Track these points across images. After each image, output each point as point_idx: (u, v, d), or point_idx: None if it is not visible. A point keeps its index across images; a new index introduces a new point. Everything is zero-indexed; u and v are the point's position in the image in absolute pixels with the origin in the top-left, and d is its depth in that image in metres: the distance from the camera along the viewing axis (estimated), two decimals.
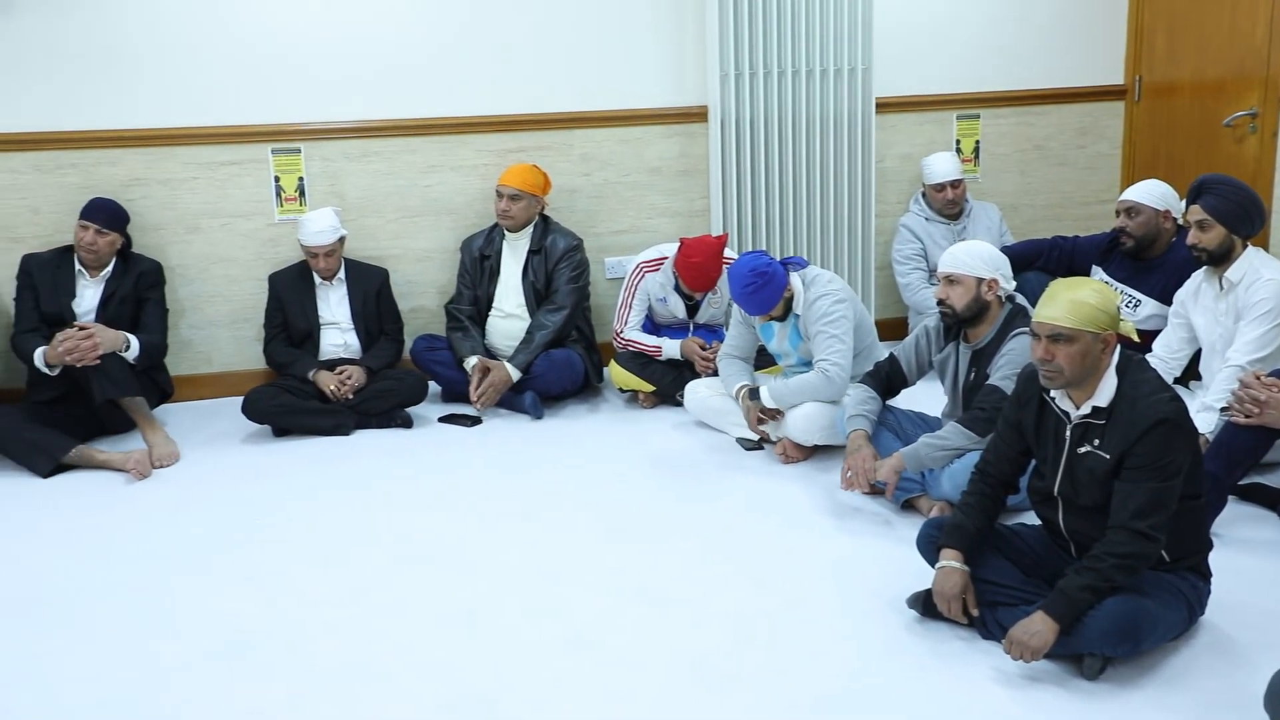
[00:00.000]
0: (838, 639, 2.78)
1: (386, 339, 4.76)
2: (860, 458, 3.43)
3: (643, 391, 4.68)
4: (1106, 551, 2.52)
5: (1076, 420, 2.67)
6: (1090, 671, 2.57)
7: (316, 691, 2.59)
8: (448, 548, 3.37)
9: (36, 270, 4.43)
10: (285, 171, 4.90)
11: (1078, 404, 2.67)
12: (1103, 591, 2.52)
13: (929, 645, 2.73)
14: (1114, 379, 2.63)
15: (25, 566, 3.31)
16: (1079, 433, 2.67)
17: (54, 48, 4.58)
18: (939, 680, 2.59)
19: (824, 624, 2.85)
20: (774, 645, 2.76)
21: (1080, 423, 2.67)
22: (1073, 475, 2.68)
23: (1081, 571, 2.54)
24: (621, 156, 5.21)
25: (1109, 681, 2.55)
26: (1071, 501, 2.71)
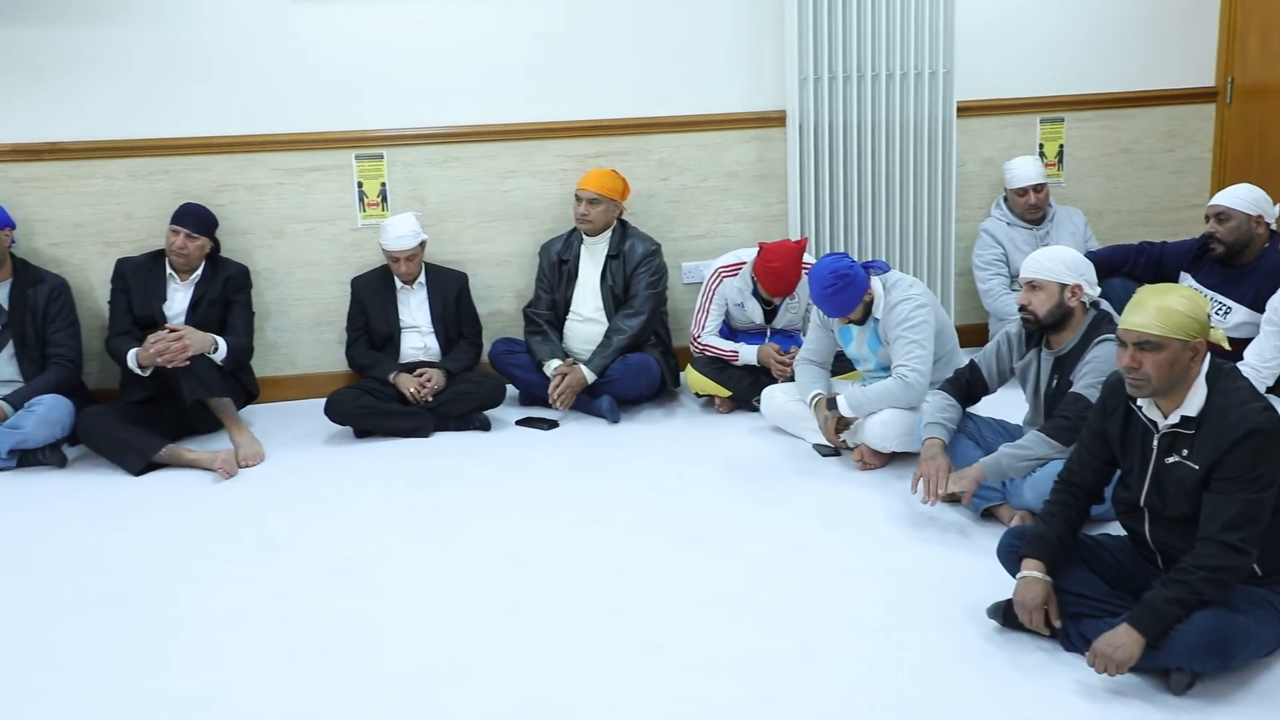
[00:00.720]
0: (915, 648, 2.75)
1: (465, 342, 4.82)
2: (933, 467, 3.39)
3: (719, 396, 4.67)
4: (1195, 564, 2.47)
5: (1164, 430, 2.61)
6: (1178, 687, 2.51)
7: (396, 690, 2.63)
8: (523, 549, 3.40)
9: (130, 274, 4.56)
10: (368, 177, 4.98)
11: (1166, 413, 2.61)
12: (1191, 605, 2.46)
13: (1009, 656, 2.69)
14: (1204, 388, 2.57)
15: (118, 561, 3.40)
16: (1167, 442, 2.61)
17: (149, 58, 4.71)
18: (1020, 692, 2.55)
19: (900, 633, 2.83)
20: (849, 653, 2.74)
21: (1168, 432, 2.61)
22: (1160, 486, 2.63)
23: (1169, 584, 2.49)
24: (699, 161, 5.21)
25: (1197, 697, 2.49)
26: (1159, 513, 2.65)
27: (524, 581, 3.18)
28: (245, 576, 3.26)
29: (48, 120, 4.68)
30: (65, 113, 4.68)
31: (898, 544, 3.37)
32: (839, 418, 3.99)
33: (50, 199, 4.74)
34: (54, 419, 4.20)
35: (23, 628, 2.98)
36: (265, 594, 3.15)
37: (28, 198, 4.70)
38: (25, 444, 4.18)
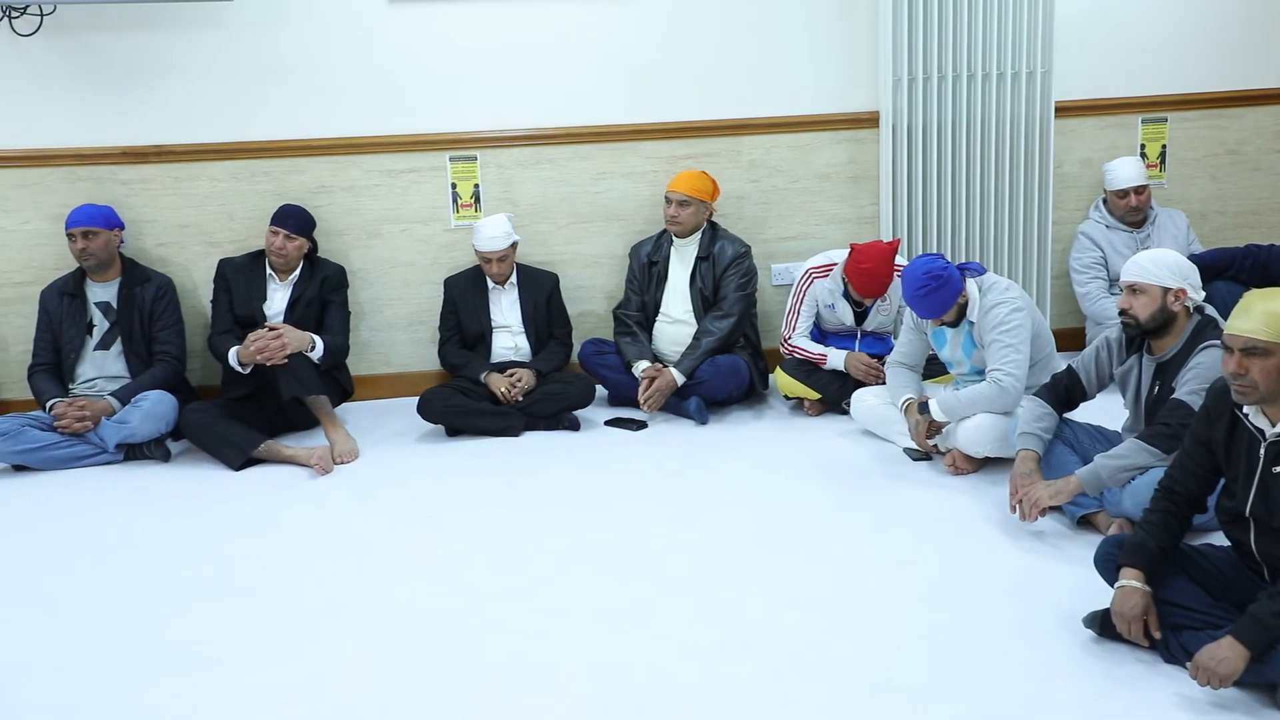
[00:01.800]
0: (1007, 657, 2.70)
1: (556, 343, 4.85)
2: (1028, 486, 3.32)
3: (808, 399, 4.64)
4: None
5: (1271, 438, 2.53)
6: None
7: (485, 686, 2.66)
8: (611, 550, 3.41)
9: (231, 274, 4.68)
10: (462, 178, 5.05)
11: (1273, 421, 2.53)
12: None
13: (1106, 667, 2.63)
14: None
15: (220, 554, 3.49)
16: (1274, 451, 2.53)
17: (251, 62, 4.84)
18: (1118, 704, 2.49)
19: (993, 641, 2.78)
20: (940, 660, 2.70)
21: (1276, 441, 2.52)
22: (1266, 496, 2.54)
23: (1275, 596, 2.41)
24: (790, 163, 5.19)
25: None
26: (1265, 523, 2.57)
27: (611, 582, 3.19)
28: (338, 571, 3.33)
29: (155, 124, 4.83)
30: (172, 117, 4.83)
31: (990, 550, 3.31)
32: (930, 422, 3.94)
33: (157, 200, 4.89)
34: (159, 414, 4.33)
35: (128, 617, 3.07)
36: (357, 589, 3.21)
37: (136, 199, 4.86)
38: (132, 438, 4.32)
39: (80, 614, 3.09)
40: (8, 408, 4.76)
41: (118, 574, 3.36)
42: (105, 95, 4.77)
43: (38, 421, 4.33)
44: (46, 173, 4.79)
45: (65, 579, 3.33)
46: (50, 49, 4.69)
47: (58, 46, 4.69)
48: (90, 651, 2.88)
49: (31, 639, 2.95)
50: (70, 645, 2.92)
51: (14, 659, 2.85)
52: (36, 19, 4.57)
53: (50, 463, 4.28)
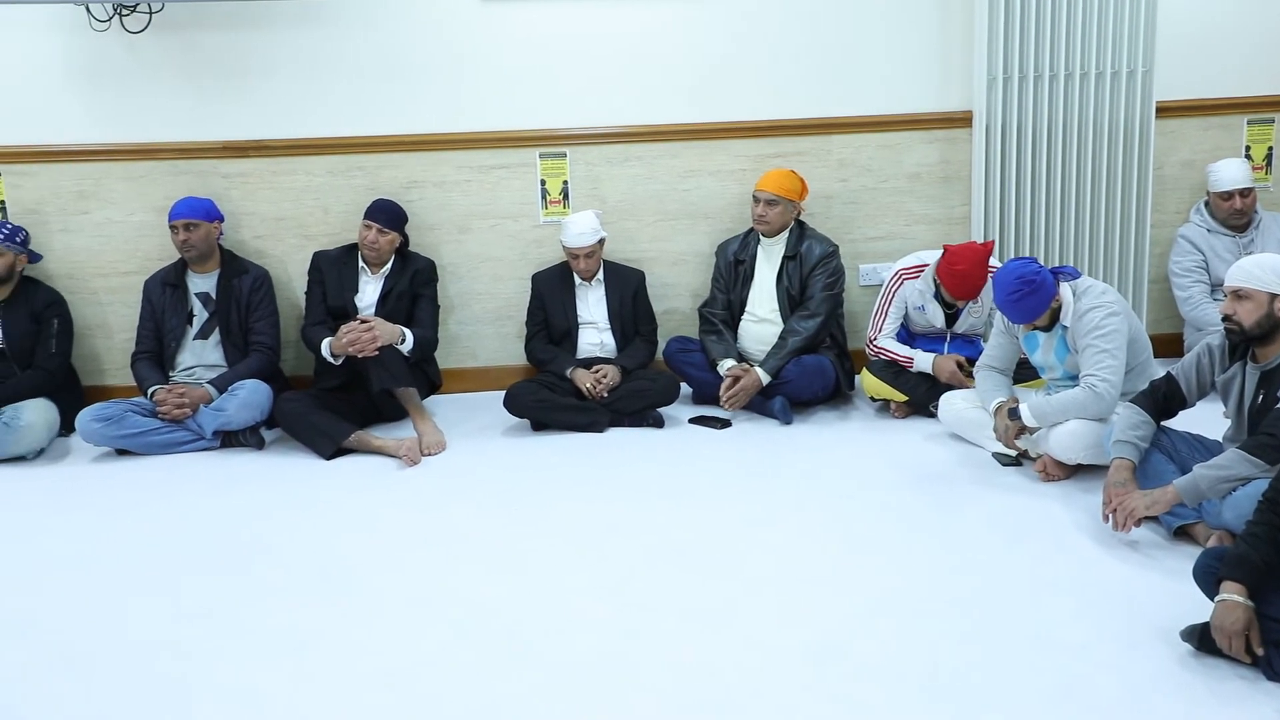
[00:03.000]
0: (1101, 668, 2.64)
1: (641, 340, 4.87)
2: (1123, 495, 3.25)
3: (895, 401, 4.60)
4: None
5: None
6: None
7: (571, 682, 2.67)
8: (696, 547, 3.41)
9: (325, 266, 4.77)
10: (551, 175, 5.09)
11: None
12: None
13: (1205, 683, 2.56)
14: None
15: (311, 543, 3.56)
16: None
17: (348, 60, 4.93)
18: None
19: (1086, 651, 2.72)
20: (1031, 668, 2.65)
21: None
22: None
23: None
24: (880, 162, 5.14)
25: None
26: None
27: (695, 580, 3.19)
28: (425, 562, 3.37)
29: (255, 119, 4.94)
30: (271, 112, 4.94)
31: (1082, 559, 3.24)
32: (1020, 426, 3.87)
33: (255, 194, 5.01)
34: (254, 403, 4.43)
35: (223, 599, 3.15)
36: (444, 580, 3.24)
37: (235, 192, 4.98)
38: (228, 425, 4.43)
39: (179, 595, 3.18)
40: (111, 393, 4.91)
41: (213, 558, 3.44)
42: (208, 91, 4.90)
43: (139, 408, 4.47)
44: (152, 166, 4.94)
45: (164, 561, 3.42)
46: (158, 46, 4.83)
47: (165, 43, 4.83)
48: (187, 631, 2.95)
49: (132, 618, 3.04)
50: (169, 624, 3.00)
51: (117, 636, 2.93)
52: (146, 17, 4.71)
53: (150, 447, 4.41)
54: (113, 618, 3.05)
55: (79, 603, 3.15)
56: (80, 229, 4.98)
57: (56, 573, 3.36)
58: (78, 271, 5.01)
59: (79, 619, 3.04)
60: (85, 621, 3.03)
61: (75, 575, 3.34)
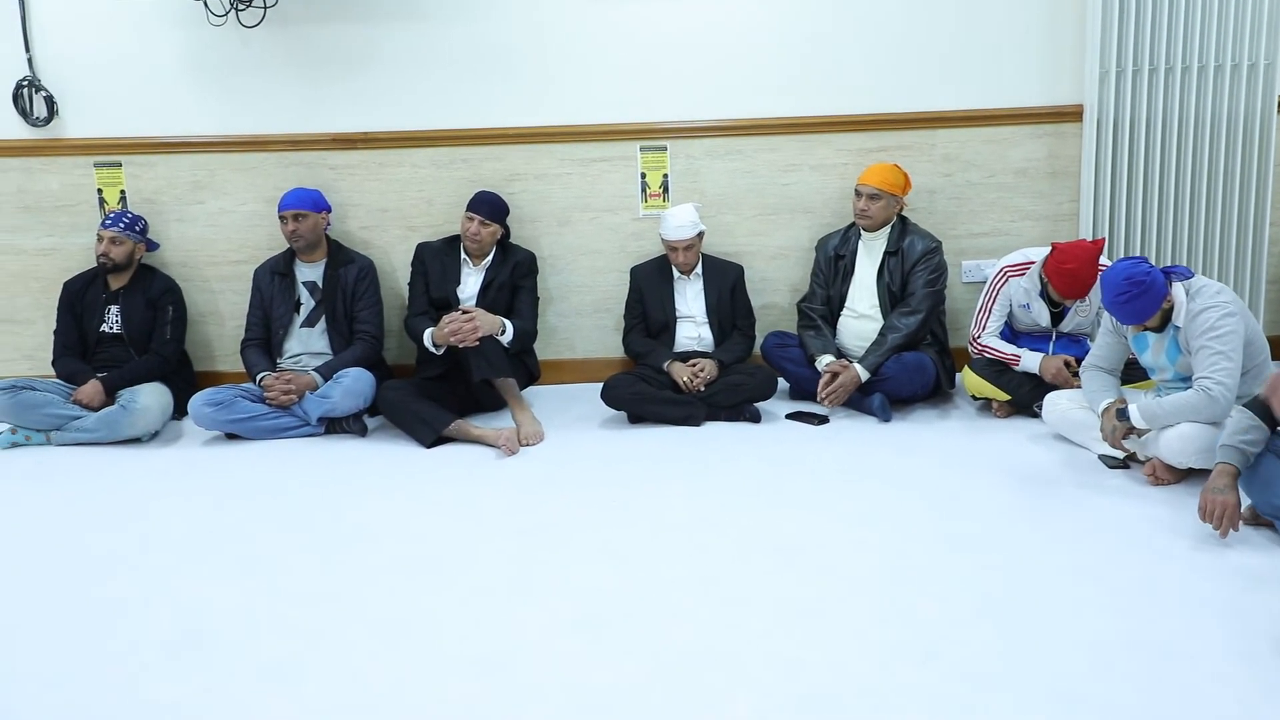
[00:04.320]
0: (1215, 680, 2.56)
1: (739, 334, 4.86)
2: (1221, 504, 3.15)
3: (997, 400, 4.52)
4: None
5: None
6: None
7: (666, 674, 2.68)
8: (788, 545, 3.39)
9: (428, 258, 4.85)
10: (651, 168, 5.10)
11: None
12: None
13: None
14: None
15: (410, 529, 3.62)
16: None
17: (452, 53, 5.00)
18: None
19: (1195, 662, 2.64)
20: (1140, 678, 2.58)
21: None
22: None
23: None
24: (985, 157, 5.05)
25: None
26: None
27: (790, 576, 3.17)
28: (522, 551, 3.40)
29: (363, 112, 5.04)
30: (378, 105, 5.03)
31: (1191, 565, 3.15)
32: (1129, 428, 3.77)
33: (362, 185, 5.11)
34: (358, 391, 4.53)
35: (328, 583, 3.22)
36: (540, 569, 3.27)
37: (343, 184, 5.09)
38: (333, 412, 4.53)
39: (283, 577, 3.26)
40: (222, 379, 5.06)
41: (316, 542, 3.52)
42: (318, 84, 5.01)
43: (248, 393, 4.59)
44: (263, 157, 5.07)
45: (270, 543, 3.51)
46: (271, 40, 4.95)
47: (278, 37, 4.95)
48: (292, 613, 3.03)
49: (239, 598, 3.13)
50: (275, 606, 3.08)
51: (224, 616, 3.02)
52: (260, 11, 4.84)
53: (258, 432, 4.54)
54: (220, 598, 3.13)
55: (188, 582, 3.24)
56: (195, 218, 5.14)
57: (167, 552, 3.47)
58: (191, 260, 5.16)
59: (188, 598, 3.14)
60: (194, 600, 3.12)
61: (185, 555, 3.44)
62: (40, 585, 3.24)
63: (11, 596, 3.17)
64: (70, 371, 4.73)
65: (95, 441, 4.53)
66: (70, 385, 4.69)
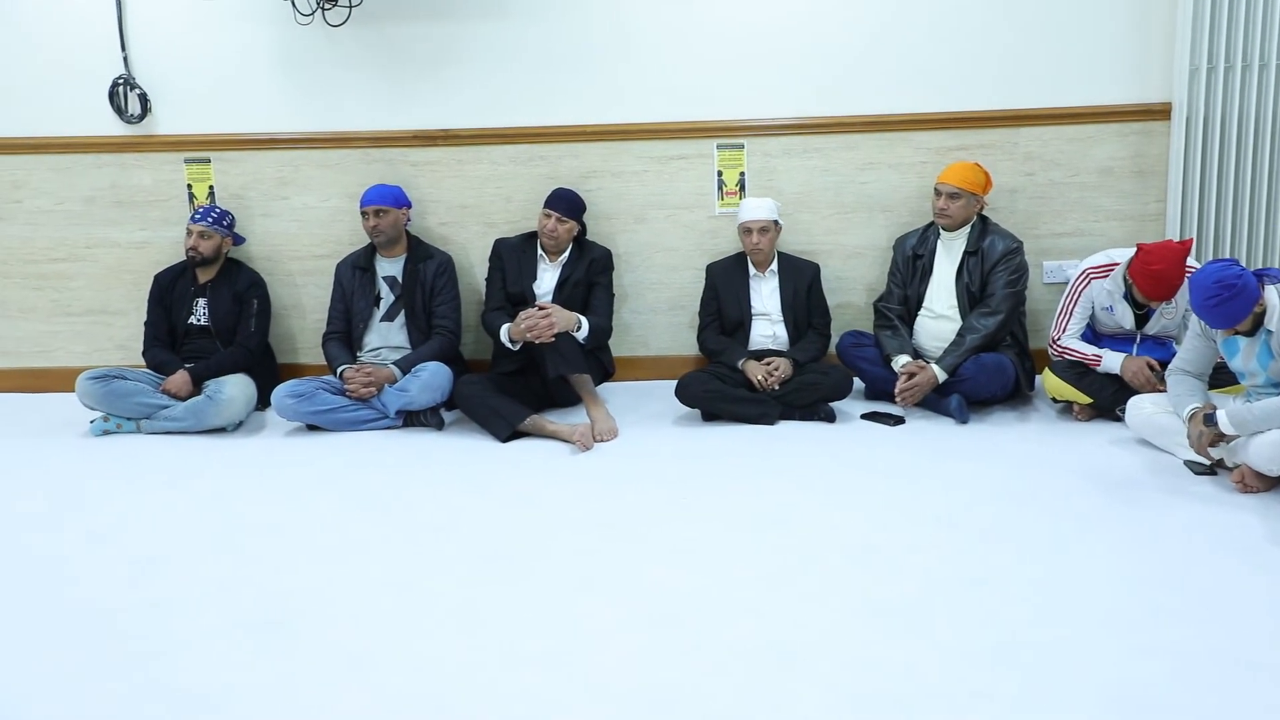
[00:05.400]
0: None
1: (814, 333, 4.83)
2: None
3: (1078, 403, 4.44)
4: None
5: None
6: None
7: (735, 671, 2.68)
8: (866, 543, 3.36)
9: (505, 253, 4.89)
10: (728, 166, 5.09)
11: None
12: None
13: None
14: None
15: (485, 523, 3.66)
16: None
17: (531, 51, 5.04)
18: None
19: None
20: (1223, 690, 2.52)
21: None
22: None
23: None
24: (1069, 156, 4.96)
25: None
26: None
27: (864, 576, 3.15)
28: (595, 546, 3.42)
29: (444, 109, 5.11)
30: (459, 102, 5.10)
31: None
32: (1216, 434, 3.68)
33: (441, 182, 5.17)
34: (436, 385, 4.58)
35: (403, 575, 3.27)
36: (612, 565, 3.28)
37: (423, 180, 5.16)
38: (410, 406, 4.59)
39: (360, 567, 3.31)
40: (304, 371, 5.16)
41: (393, 533, 3.57)
42: (401, 82, 5.08)
43: (329, 385, 4.68)
44: (346, 154, 5.16)
45: (347, 533, 3.58)
46: (356, 38, 5.04)
47: (362, 36, 5.04)
48: (367, 602, 3.08)
49: (316, 587, 3.19)
50: (351, 595, 3.13)
51: (303, 604, 3.08)
52: (346, 10, 4.92)
53: (338, 424, 4.62)
54: (298, 586, 3.20)
55: (268, 569, 3.31)
56: (279, 213, 5.24)
57: (250, 539, 3.55)
58: (276, 254, 5.27)
59: (269, 585, 3.21)
60: (273, 587, 3.19)
61: (267, 543, 3.52)
62: (129, 567, 3.33)
63: (101, 577, 3.27)
64: (159, 362, 4.86)
65: (183, 430, 4.65)
66: (160, 375, 4.82)
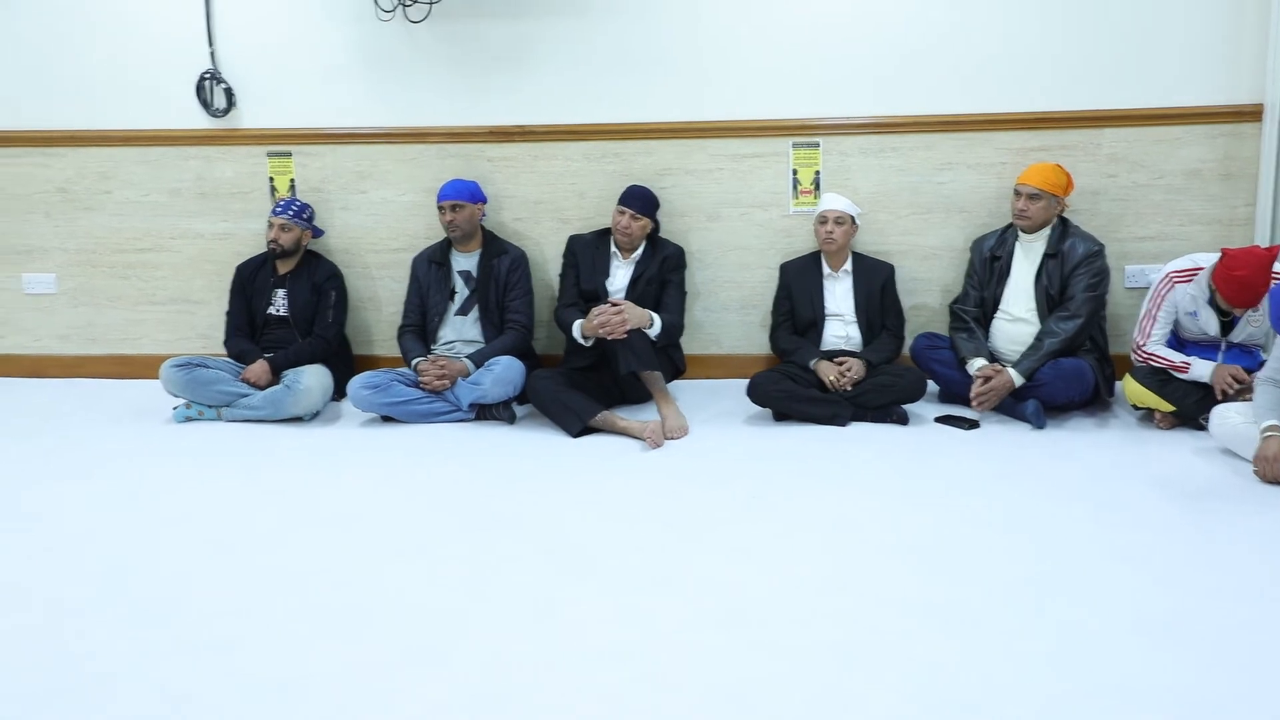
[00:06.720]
0: None
1: (888, 334, 4.79)
2: None
3: (1160, 410, 4.34)
4: None
5: None
6: None
7: (803, 670, 2.66)
8: (935, 547, 3.32)
9: (579, 250, 4.92)
10: (803, 165, 5.06)
11: None
12: None
13: None
14: None
15: (555, 517, 3.67)
16: None
17: (606, 48, 5.06)
18: None
19: None
20: None
21: None
22: None
23: None
24: (1154, 158, 4.86)
25: None
26: None
27: (933, 580, 3.11)
28: (665, 543, 3.42)
29: (520, 105, 5.14)
30: (535, 99, 5.13)
31: None
32: None
33: (517, 177, 5.21)
34: (508, 379, 4.62)
35: (473, 568, 3.29)
36: (681, 562, 3.28)
37: (499, 175, 5.20)
38: (483, 399, 4.63)
39: (432, 559, 3.35)
40: (379, 363, 5.24)
41: (464, 526, 3.60)
42: (478, 78, 5.13)
43: (404, 378, 4.74)
44: (423, 149, 5.22)
45: (420, 525, 3.62)
46: (435, 35, 5.09)
47: (441, 32, 5.09)
48: (439, 595, 3.11)
49: (389, 578, 3.23)
50: (422, 588, 3.16)
51: (376, 596, 3.13)
52: (426, 7, 4.98)
53: (412, 416, 4.68)
54: (370, 576, 3.24)
55: (344, 559, 3.36)
56: (358, 207, 5.32)
57: (324, 528, 3.60)
58: (353, 247, 5.35)
59: (344, 575, 3.25)
60: (347, 577, 3.24)
61: (341, 532, 3.57)
62: (207, 554, 3.40)
63: (179, 564, 3.34)
64: (240, 351, 4.96)
65: (261, 419, 4.74)
66: (240, 364, 4.91)
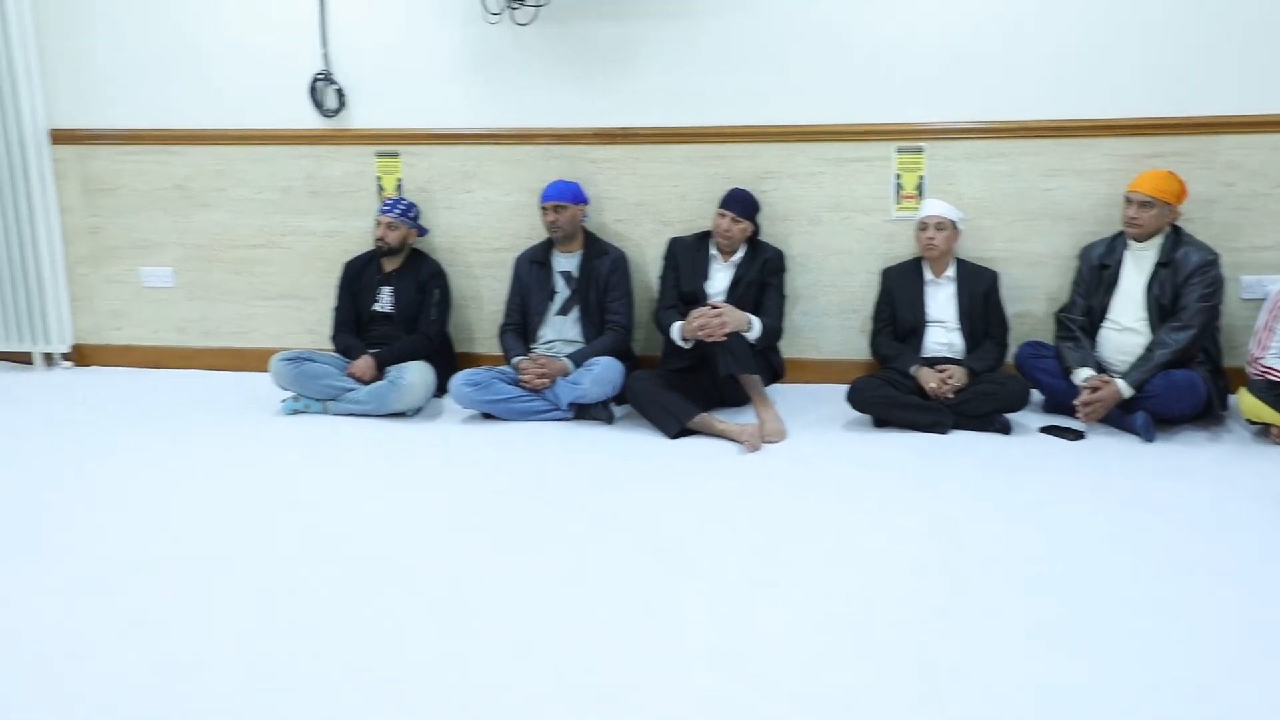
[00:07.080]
0: None
1: (991, 342, 4.72)
2: None
3: (1276, 425, 4.22)
4: None
5: None
6: None
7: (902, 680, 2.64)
8: (1035, 560, 3.26)
9: (680, 252, 4.93)
10: (907, 169, 5.02)
11: None
12: None
13: None
14: None
15: (652, 518, 3.69)
16: None
17: (710, 50, 5.07)
18: None
19: None
20: None
21: None
22: None
23: None
24: (1274, 166, 4.72)
25: None
26: None
27: (1030, 593, 3.05)
28: (762, 546, 3.41)
29: (623, 107, 5.18)
30: (638, 101, 5.16)
31: None
32: None
33: (618, 179, 5.25)
34: (607, 379, 4.65)
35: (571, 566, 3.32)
36: (779, 565, 3.27)
37: (600, 177, 5.25)
38: (582, 399, 4.67)
39: (532, 556, 3.39)
40: (480, 361, 5.31)
41: (563, 524, 3.64)
42: (583, 80, 5.18)
43: (504, 375, 4.80)
44: (527, 150, 5.28)
45: (520, 521, 3.66)
46: (541, 37, 5.15)
47: (548, 35, 5.15)
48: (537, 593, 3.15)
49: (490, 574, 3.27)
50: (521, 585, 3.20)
51: (474, 589, 3.17)
52: (533, 10, 5.04)
53: (512, 414, 4.74)
54: (470, 571, 3.28)
55: (444, 553, 3.42)
56: (462, 206, 5.41)
57: (426, 521, 3.67)
58: (457, 246, 5.44)
59: (446, 569, 3.31)
60: (444, 571, 3.28)
61: (442, 526, 3.63)
62: (311, 543, 3.49)
63: (281, 554, 3.43)
64: (346, 346, 5.08)
65: (365, 413, 4.85)
66: (346, 359, 5.03)
